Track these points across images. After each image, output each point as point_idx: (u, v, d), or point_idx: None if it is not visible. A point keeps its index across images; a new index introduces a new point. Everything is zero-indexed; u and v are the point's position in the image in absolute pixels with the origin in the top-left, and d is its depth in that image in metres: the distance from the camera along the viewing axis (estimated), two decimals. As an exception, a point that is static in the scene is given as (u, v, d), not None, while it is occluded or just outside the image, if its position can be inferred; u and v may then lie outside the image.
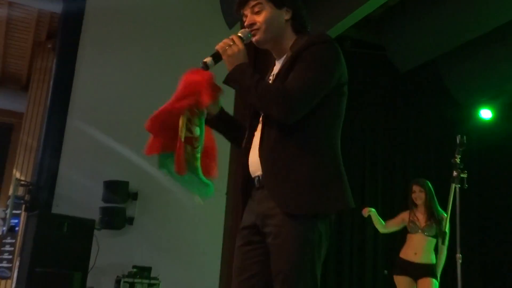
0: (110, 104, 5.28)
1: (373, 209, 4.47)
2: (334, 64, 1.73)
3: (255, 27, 1.83)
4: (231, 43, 1.76)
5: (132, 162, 5.04)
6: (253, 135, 1.82)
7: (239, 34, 1.82)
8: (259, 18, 1.82)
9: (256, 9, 1.83)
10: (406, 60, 6.18)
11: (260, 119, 1.79)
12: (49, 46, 6.89)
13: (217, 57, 1.77)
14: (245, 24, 1.85)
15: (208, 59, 1.78)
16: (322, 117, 1.72)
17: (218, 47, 1.78)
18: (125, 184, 5.10)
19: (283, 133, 1.69)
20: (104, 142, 5.10)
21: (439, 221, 4.15)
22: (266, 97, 1.66)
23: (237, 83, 1.73)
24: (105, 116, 5.22)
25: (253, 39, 1.84)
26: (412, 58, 6.10)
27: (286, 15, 1.85)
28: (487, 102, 6.61)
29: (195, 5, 5.83)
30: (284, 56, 1.85)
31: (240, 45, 1.76)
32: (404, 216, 4.42)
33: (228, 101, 1.96)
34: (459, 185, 3.32)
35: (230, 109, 5.26)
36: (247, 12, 1.86)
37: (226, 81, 1.75)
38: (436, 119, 6.72)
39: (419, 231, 4.24)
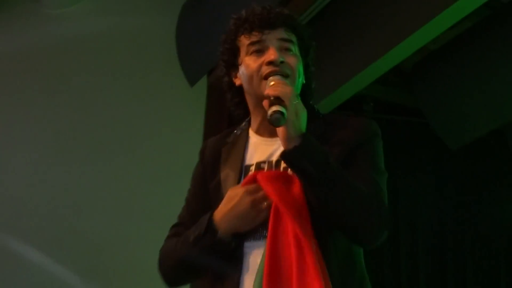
0: (15, 203, 4.54)
1: None
2: None
3: (285, 70, 1.57)
4: (296, 99, 1.48)
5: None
6: (241, 255, 1.57)
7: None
8: (291, 61, 1.60)
9: (286, 45, 1.61)
10: (457, 131, 5.55)
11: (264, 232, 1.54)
12: None
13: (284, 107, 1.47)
14: (271, 58, 1.57)
15: (282, 109, 1.46)
16: None
17: (282, 94, 1.46)
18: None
19: (337, 258, 1.53)
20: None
21: None
22: (362, 201, 1.48)
23: (312, 167, 1.46)
24: (8, 222, 4.47)
25: None
26: (466, 128, 5.48)
27: None
28: None
29: (140, 56, 5.13)
30: None
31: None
32: None
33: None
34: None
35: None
36: (271, 43, 1.60)
37: (294, 161, 1.48)
38: (505, 215, 6.21)
39: None
